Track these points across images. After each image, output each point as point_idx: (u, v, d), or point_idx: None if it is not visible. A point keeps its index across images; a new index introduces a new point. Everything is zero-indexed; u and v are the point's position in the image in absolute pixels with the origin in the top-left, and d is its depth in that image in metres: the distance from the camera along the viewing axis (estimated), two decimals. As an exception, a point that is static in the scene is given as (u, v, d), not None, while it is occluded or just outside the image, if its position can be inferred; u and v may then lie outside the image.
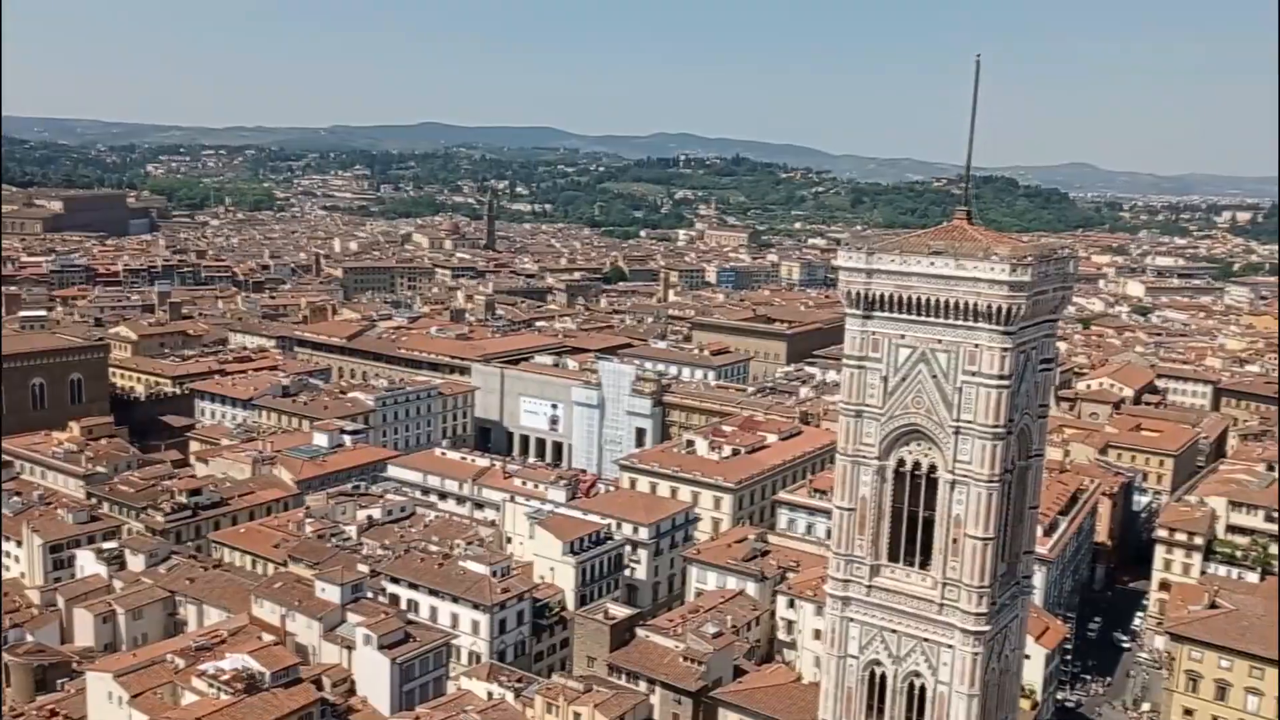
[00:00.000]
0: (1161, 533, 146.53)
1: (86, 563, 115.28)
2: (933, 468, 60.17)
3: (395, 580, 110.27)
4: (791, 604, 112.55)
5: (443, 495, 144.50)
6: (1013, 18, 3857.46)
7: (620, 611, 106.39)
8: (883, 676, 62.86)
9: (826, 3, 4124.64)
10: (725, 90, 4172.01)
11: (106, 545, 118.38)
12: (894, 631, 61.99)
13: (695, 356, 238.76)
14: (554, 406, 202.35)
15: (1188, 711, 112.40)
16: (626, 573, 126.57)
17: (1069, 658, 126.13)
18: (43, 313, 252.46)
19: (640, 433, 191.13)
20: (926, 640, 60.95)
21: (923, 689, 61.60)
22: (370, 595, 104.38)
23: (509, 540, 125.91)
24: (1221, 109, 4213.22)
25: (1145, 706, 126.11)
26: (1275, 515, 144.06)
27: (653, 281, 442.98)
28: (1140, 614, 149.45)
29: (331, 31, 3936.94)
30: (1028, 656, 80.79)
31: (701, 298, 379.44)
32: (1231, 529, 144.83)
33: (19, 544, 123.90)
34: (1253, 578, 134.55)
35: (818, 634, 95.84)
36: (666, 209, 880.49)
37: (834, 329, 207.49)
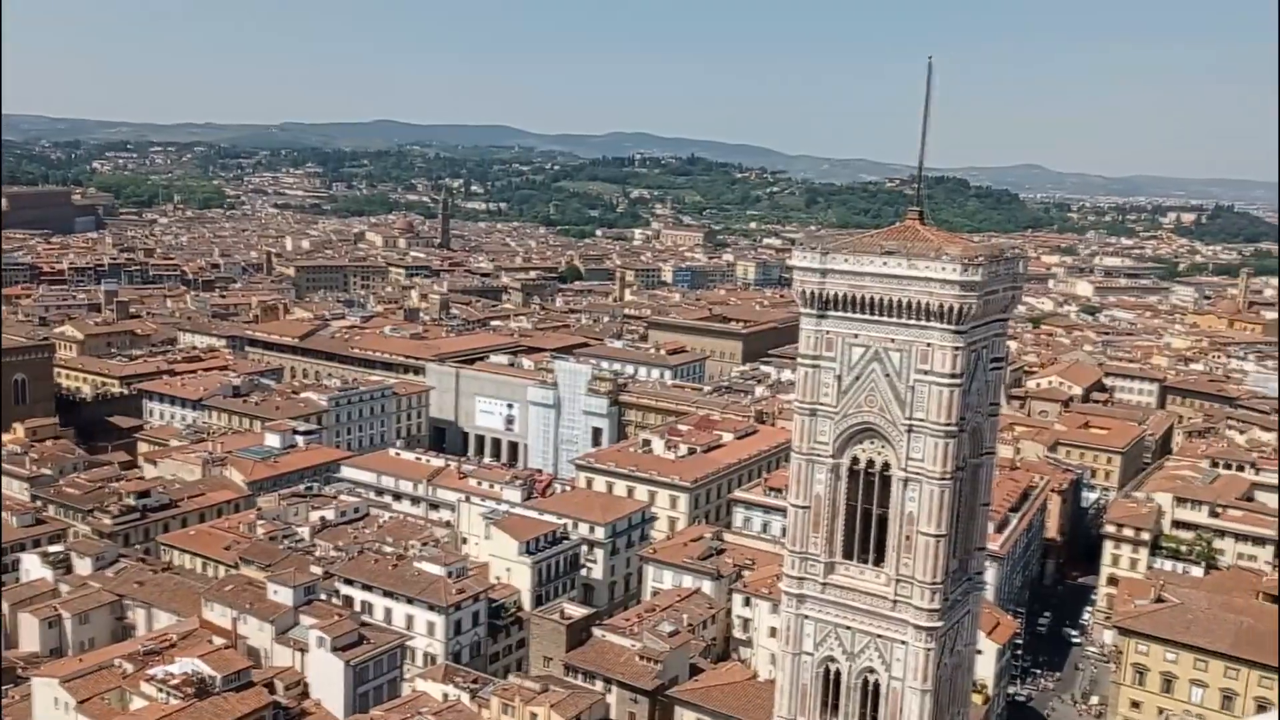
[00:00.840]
0: (1109, 528, 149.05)
1: (32, 566, 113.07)
2: (886, 465, 60.68)
3: (349, 582, 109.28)
4: (747, 602, 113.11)
5: (397, 496, 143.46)
6: (965, 20, 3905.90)
7: (577, 611, 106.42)
8: (837, 673, 63.28)
9: (781, 4, 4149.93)
10: (681, 90, 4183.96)
11: (52, 549, 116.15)
12: (848, 628, 62.41)
13: (651, 356, 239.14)
14: (509, 406, 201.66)
15: (1135, 704, 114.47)
16: (583, 572, 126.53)
17: (1020, 652, 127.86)
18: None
19: (596, 432, 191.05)
20: (880, 636, 61.43)
21: (876, 685, 62.10)
22: (323, 597, 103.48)
23: (464, 541, 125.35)
24: (1167, 111, 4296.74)
25: (1094, 700, 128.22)
26: (1216, 514, 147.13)
27: (609, 281, 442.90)
28: (1089, 608, 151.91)
29: (282, 27, 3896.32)
30: (980, 651, 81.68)
31: (658, 297, 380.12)
32: (1177, 524, 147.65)
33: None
34: (1197, 572, 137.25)
35: (773, 631, 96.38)
36: (622, 208, 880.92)
37: (789, 328, 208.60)
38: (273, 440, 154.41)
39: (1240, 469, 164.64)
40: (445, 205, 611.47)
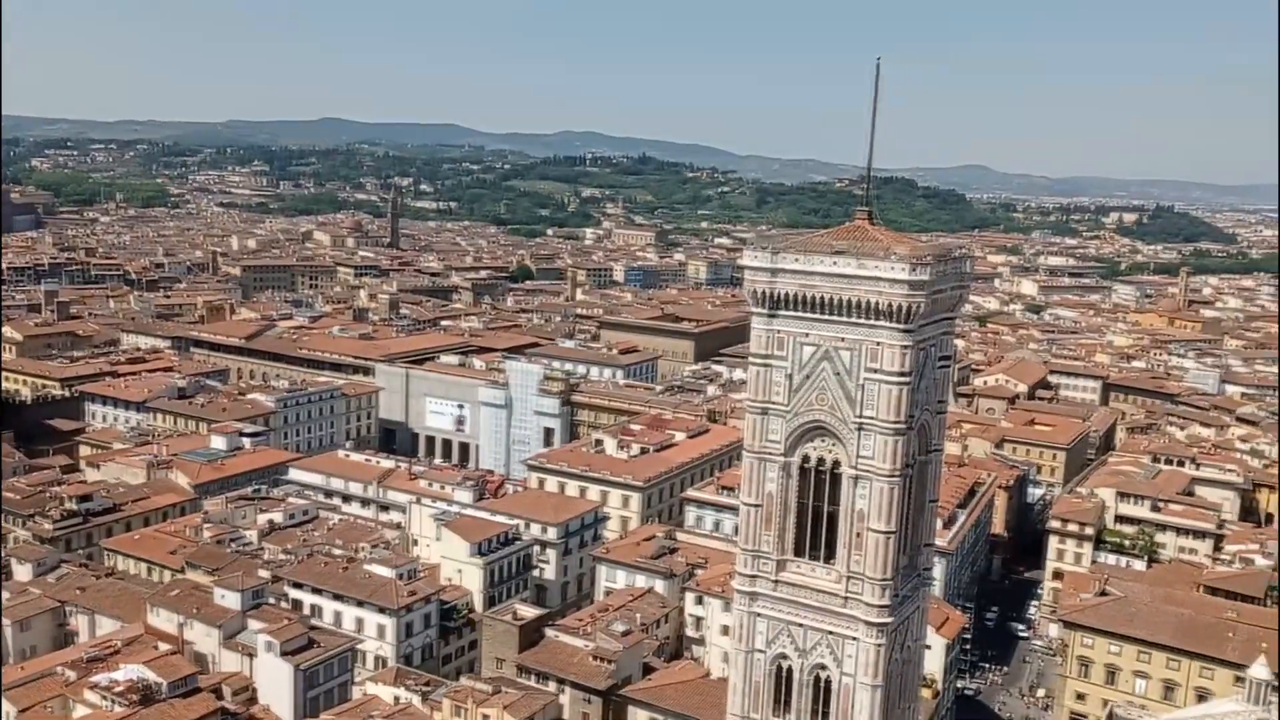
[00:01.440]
0: (1054, 523, 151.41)
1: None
2: (836, 463, 61.17)
3: (298, 585, 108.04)
4: (700, 600, 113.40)
5: (346, 498, 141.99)
6: (912, 24, 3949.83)
7: (529, 612, 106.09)
8: (789, 670, 63.70)
9: (731, 5, 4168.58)
10: (631, 89, 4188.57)
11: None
12: (800, 625, 62.84)
13: (603, 355, 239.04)
14: (460, 407, 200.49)
15: (1080, 696, 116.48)
16: (535, 573, 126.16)
17: (968, 647, 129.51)
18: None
19: (548, 432, 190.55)
20: (831, 633, 61.93)
21: (828, 681, 62.62)
22: (272, 601, 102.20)
23: (415, 542, 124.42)
24: (1109, 113, 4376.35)
25: (1041, 692, 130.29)
26: (1157, 508, 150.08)
27: (560, 280, 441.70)
28: (1035, 603, 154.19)
29: (227, 23, 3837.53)
30: (928, 646, 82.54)
31: (609, 297, 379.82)
32: (1120, 519, 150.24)
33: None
34: (1140, 565, 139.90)
35: (726, 630, 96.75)
36: (573, 207, 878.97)
37: (740, 327, 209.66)
38: (219, 442, 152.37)
39: (1180, 464, 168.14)
40: (394, 204, 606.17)
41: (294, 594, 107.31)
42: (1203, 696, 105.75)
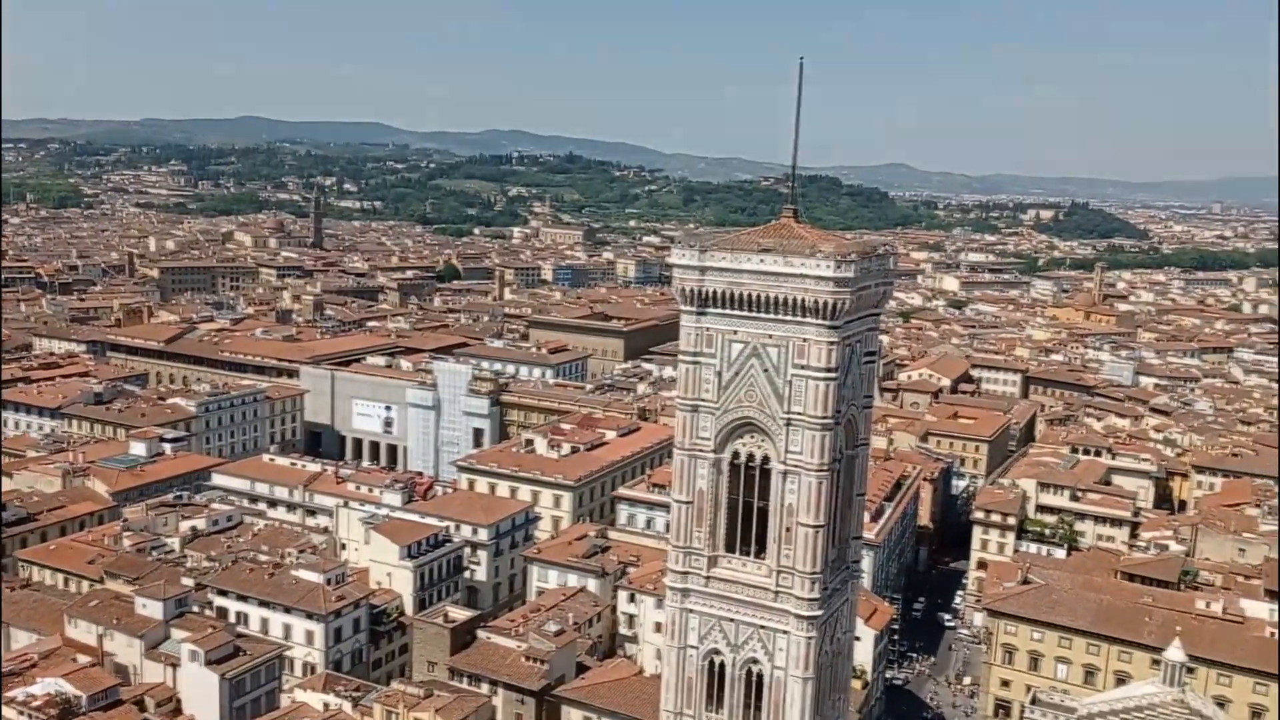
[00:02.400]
0: (978, 514, 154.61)
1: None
2: (766, 459, 61.70)
3: (223, 592, 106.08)
4: (632, 598, 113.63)
5: (272, 503, 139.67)
6: (836, 23, 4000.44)
7: (460, 614, 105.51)
8: (722, 665, 64.12)
9: (655, 5, 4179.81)
10: (557, 88, 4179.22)
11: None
12: (732, 620, 63.30)
13: (533, 355, 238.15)
14: (388, 408, 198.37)
15: (1005, 683, 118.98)
16: (466, 575, 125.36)
17: (896, 638, 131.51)
18: None
19: (478, 433, 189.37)
20: (763, 627, 62.47)
21: (760, 675, 63.16)
22: (196, 610, 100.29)
23: (343, 546, 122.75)
24: (1025, 112, 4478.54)
25: (967, 680, 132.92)
26: (1076, 498, 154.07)
27: (488, 280, 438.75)
28: (960, 592, 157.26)
29: (141, 17, 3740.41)
30: (858, 638, 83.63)
31: (538, 296, 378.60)
32: (1041, 509, 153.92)
33: None
34: (1060, 553, 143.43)
35: (659, 627, 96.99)
36: (500, 206, 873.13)
37: (670, 325, 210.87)
38: (138, 448, 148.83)
39: (1098, 454, 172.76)
40: (317, 204, 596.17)
41: (219, 602, 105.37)
42: (1122, 680, 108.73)
